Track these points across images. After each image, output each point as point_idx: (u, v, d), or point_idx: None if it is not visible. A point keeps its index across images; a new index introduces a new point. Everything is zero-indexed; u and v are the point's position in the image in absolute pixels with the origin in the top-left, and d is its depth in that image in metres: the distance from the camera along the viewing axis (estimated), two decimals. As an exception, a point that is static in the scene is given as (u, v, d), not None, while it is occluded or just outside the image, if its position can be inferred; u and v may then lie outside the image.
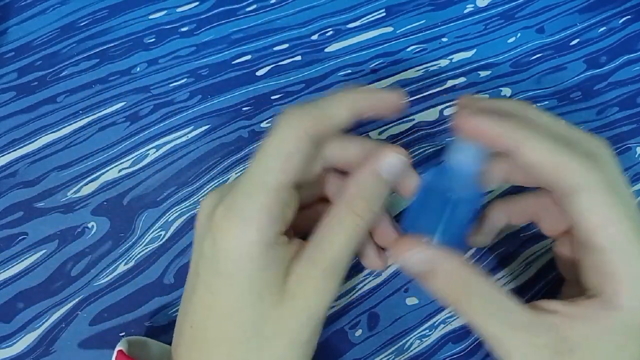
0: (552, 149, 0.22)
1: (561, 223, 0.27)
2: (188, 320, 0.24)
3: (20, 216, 0.32)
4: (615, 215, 0.22)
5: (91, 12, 0.37)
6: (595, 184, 0.22)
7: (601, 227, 0.22)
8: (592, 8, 0.38)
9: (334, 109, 0.24)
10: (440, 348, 0.30)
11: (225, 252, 0.23)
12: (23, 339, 0.30)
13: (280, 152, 0.23)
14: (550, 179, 0.22)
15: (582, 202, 0.22)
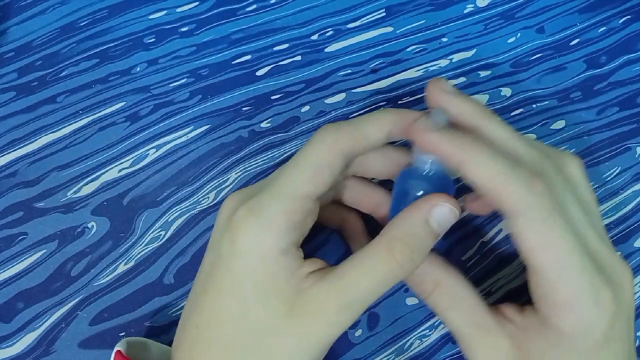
0: (494, 171, 0.22)
1: None
2: (194, 321, 0.24)
3: (20, 216, 0.32)
4: (549, 241, 0.22)
5: (91, 12, 0.37)
6: (533, 207, 0.22)
7: (537, 251, 0.22)
8: (592, 8, 0.38)
9: (370, 129, 0.24)
10: (440, 348, 0.30)
11: (241, 252, 0.23)
12: (23, 339, 0.30)
13: (312, 165, 0.23)
14: (493, 200, 0.23)
15: (519, 225, 0.22)
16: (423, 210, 0.23)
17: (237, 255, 0.23)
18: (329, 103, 0.35)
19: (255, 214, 0.23)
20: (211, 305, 0.23)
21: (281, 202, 0.23)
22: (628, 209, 0.33)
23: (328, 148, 0.23)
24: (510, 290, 0.31)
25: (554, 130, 0.35)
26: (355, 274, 0.23)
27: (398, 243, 0.23)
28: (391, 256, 0.22)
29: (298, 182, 0.23)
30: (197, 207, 0.32)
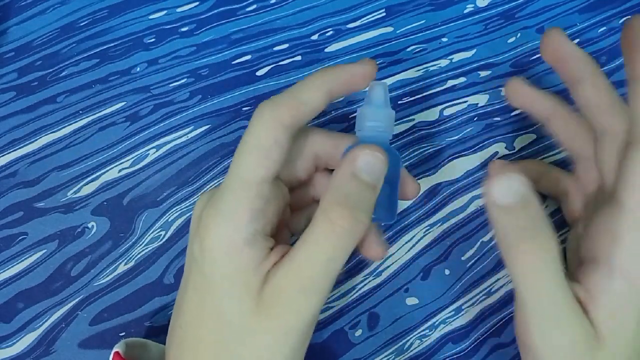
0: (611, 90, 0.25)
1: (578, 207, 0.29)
2: (178, 321, 0.24)
3: (20, 216, 0.32)
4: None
5: (91, 12, 0.37)
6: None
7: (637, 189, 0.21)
8: (592, 8, 0.38)
9: (307, 94, 0.23)
10: (440, 348, 0.30)
11: (209, 251, 0.22)
12: (23, 339, 0.30)
13: (257, 147, 0.22)
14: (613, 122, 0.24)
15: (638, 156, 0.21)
16: (347, 167, 0.22)
17: (205, 253, 0.22)
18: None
19: (216, 212, 0.22)
20: (190, 305, 0.24)
21: (235, 192, 0.22)
22: None
23: (268, 125, 0.22)
24: (510, 290, 0.31)
25: (554, 130, 0.35)
26: (305, 254, 0.22)
27: (335, 208, 0.22)
28: (331, 225, 0.21)
29: (247, 168, 0.22)
30: (197, 207, 0.32)
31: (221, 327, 0.23)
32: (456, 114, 0.35)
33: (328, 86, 0.24)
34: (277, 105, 0.23)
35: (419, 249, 0.32)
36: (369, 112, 0.25)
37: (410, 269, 0.32)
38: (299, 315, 0.22)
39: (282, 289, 0.22)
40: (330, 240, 0.21)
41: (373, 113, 0.25)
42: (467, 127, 0.35)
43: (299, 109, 0.23)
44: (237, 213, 0.22)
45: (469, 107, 0.35)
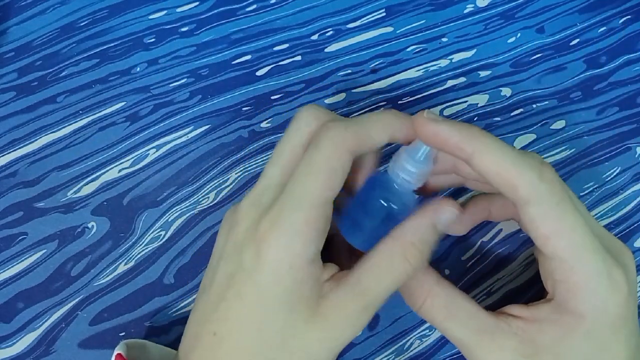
0: (503, 159, 0.23)
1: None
2: (211, 328, 0.24)
3: (20, 216, 0.32)
4: (564, 226, 0.23)
5: (91, 12, 0.37)
6: (544, 196, 0.23)
7: (551, 238, 0.23)
8: (592, 8, 0.38)
9: (375, 130, 0.24)
10: (440, 348, 0.30)
11: (269, 263, 0.23)
12: (23, 339, 0.30)
13: (327, 169, 0.23)
14: (502, 189, 0.23)
15: (532, 213, 0.23)
16: (430, 215, 0.24)
17: (264, 266, 0.23)
18: (329, 103, 0.35)
19: (280, 226, 0.23)
20: (233, 314, 0.23)
21: (304, 211, 0.23)
22: (628, 209, 0.33)
23: (338, 149, 0.23)
24: (510, 290, 0.31)
25: (554, 130, 0.35)
26: (374, 278, 0.24)
27: (411, 248, 0.24)
28: (405, 260, 0.24)
29: (317, 188, 0.23)
30: (197, 207, 0.32)
31: (266, 338, 0.23)
32: (456, 114, 0.35)
33: (392, 130, 0.24)
34: (348, 132, 0.23)
35: (419, 249, 0.32)
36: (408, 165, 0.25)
37: (410, 269, 0.32)
38: (352, 331, 0.24)
39: (344, 306, 0.23)
40: (402, 271, 0.24)
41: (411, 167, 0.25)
42: (467, 127, 0.35)
43: (365, 142, 0.24)
44: (304, 232, 0.22)
45: (469, 107, 0.35)
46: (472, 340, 0.24)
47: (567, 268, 0.23)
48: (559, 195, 0.23)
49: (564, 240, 0.23)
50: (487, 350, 0.24)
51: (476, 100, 0.35)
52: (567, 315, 0.23)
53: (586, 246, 0.23)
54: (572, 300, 0.23)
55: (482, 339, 0.24)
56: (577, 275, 0.23)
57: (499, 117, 0.35)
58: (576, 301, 0.23)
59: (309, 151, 0.24)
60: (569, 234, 0.23)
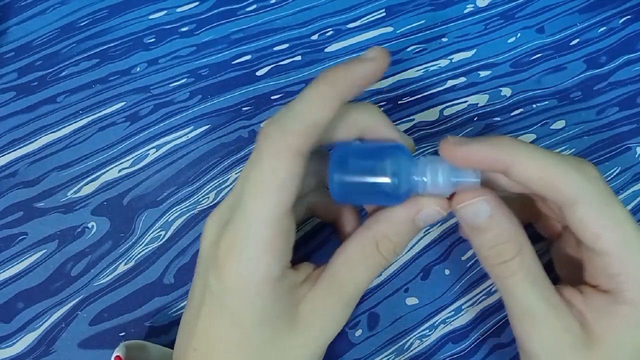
0: (546, 164, 0.22)
1: (557, 225, 0.28)
2: (192, 343, 0.24)
3: (20, 216, 0.32)
4: (612, 222, 0.23)
5: (91, 12, 0.37)
6: (591, 195, 0.22)
7: (601, 235, 0.23)
8: (592, 8, 0.38)
9: (315, 111, 0.21)
10: (440, 348, 0.30)
11: (232, 290, 0.22)
12: (23, 339, 0.30)
13: (272, 183, 0.21)
14: (547, 193, 0.23)
15: (581, 212, 0.22)
16: (412, 212, 0.23)
17: (229, 292, 0.22)
18: (329, 103, 0.35)
19: (239, 251, 0.22)
20: (210, 331, 0.23)
21: (259, 233, 0.21)
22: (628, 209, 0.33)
23: (280, 157, 0.21)
24: (510, 290, 0.31)
25: (554, 130, 0.35)
26: (348, 272, 0.23)
27: (384, 240, 0.23)
28: (377, 250, 0.23)
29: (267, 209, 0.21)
30: (197, 207, 0.32)
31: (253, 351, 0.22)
32: (456, 114, 0.35)
33: (337, 96, 0.21)
34: (285, 133, 0.21)
35: (419, 249, 0.32)
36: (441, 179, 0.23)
37: (410, 269, 0.32)
38: (335, 327, 0.24)
39: (323, 306, 0.23)
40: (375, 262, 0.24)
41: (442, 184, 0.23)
42: (467, 127, 0.35)
43: (310, 133, 0.21)
44: (263, 256, 0.21)
45: (469, 107, 0.35)
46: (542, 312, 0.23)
47: (622, 261, 0.23)
48: (605, 193, 0.23)
49: (616, 235, 0.22)
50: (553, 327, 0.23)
51: (476, 100, 0.35)
52: (625, 306, 0.23)
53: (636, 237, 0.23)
54: (631, 291, 0.23)
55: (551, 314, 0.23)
56: (633, 267, 0.23)
57: (499, 117, 0.35)
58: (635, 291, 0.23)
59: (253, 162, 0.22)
60: (620, 229, 0.22)
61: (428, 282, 0.32)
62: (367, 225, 0.24)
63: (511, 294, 0.23)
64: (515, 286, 0.23)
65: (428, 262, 0.32)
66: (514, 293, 0.23)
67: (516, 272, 0.23)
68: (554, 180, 0.22)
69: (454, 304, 0.31)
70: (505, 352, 0.30)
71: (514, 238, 0.23)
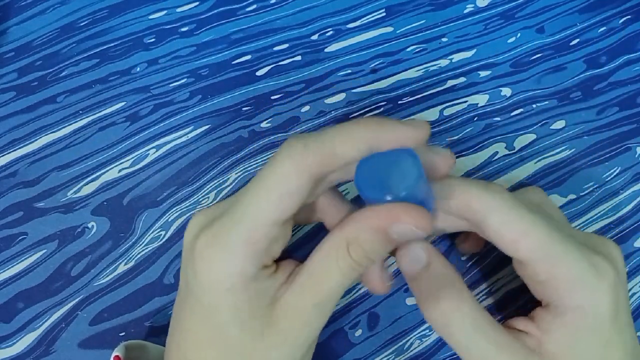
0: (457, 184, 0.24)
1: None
2: (175, 341, 0.24)
3: (20, 216, 0.32)
4: (526, 227, 0.23)
5: (91, 12, 0.37)
6: (497, 204, 0.23)
7: (518, 241, 0.23)
8: (592, 8, 0.38)
9: (342, 146, 0.21)
10: (440, 348, 0.30)
11: (206, 283, 0.22)
12: (23, 339, 0.30)
13: (278, 190, 0.21)
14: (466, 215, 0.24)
15: (493, 223, 0.23)
16: (384, 222, 0.22)
17: (203, 287, 0.22)
18: (329, 103, 0.35)
19: (217, 244, 0.22)
20: (189, 328, 0.23)
21: (244, 230, 0.21)
22: (628, 209, 0.33)
23: (295, 171, 0.21)
24: (510, 290, 0.31)
25: (554, 130, 0.35)
26: (323, 273, 0.22)
27: (354, 245, 0.22)
28: (348, 254, 0.22)
29: (262, 208, 0.21)
30: (197, 207, 0.32)
31: (225, 350, 0.22)
32: (456, 114, 0.35)
33: (368, 144, 0.21)
34: (308, 152, 0.21)
35: (419, 249, 0.32)
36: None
37: (410, 269, 0.32)
38: (309, 330, 0.23)
39: (296, 307, 0.22)
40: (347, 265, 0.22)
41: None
42: (467, 127, 0.35)
43: (330, 162, 0.21)
44: (241, 253, 0.21)
45: (469, 107, 0.35)
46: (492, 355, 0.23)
47: (547, 265, 0.23)
48: (510, 202, 0.23)
49: (531, 239, 0.23)
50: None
51: (476, 100, 0.35)
52: (568, 314, 0.23)
53: (555, 240, 0.23)
54: (566, 296, 0.23)
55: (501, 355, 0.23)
56: (559, 269, 0.23)
57: (499, 117, 0.35)
58: (570, 294, 0.23)
59: (264, 168, 0.22)
60: (533, 232, 0.23)
61: (428, 282, 0.32)
62: (341, 226, 0.23)
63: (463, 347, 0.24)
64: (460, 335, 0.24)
65: (428, 262, 0.32)
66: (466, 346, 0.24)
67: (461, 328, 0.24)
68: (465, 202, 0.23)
69: (454, 304, 0.31)
70: (505, 352, 0.30)
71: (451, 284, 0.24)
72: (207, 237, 0.22)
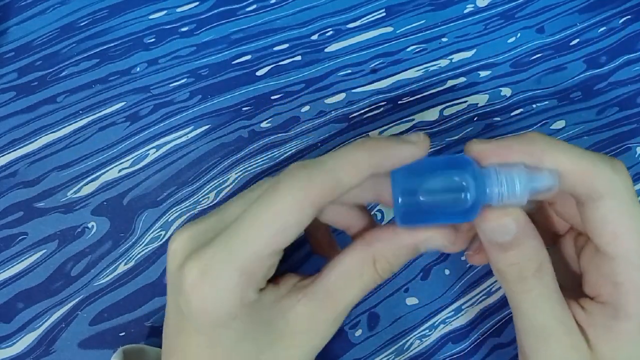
0: (577, 155, 0.21)
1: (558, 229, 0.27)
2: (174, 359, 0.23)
3: (20, 216, 0.32)
4: (634, 225, 0.21)
5: (91, 12, 0.37)
6: (619, 191, 0.21)
7: (620, 235, 0.21)
8: (592, 8, 0.38)
9: (346, 174, 0.21)
10: (440, 348, 0.30)
11: (204, 315, 0.21)
12: (23, 339, 0.30)
13: (278, 223, 0.20)
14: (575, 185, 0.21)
15: (606, 208, 0.21)
16: (415, 241, 0.22)
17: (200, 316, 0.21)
18: (329, 103, 0.35)
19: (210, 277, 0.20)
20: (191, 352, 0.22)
21: (239, 264, 0.20)
22: None
23: (297, 203, 0.20)
24: (510, 290, 0.31)
25: (554, 130, 0.35)
26: (344, 287, 0.23)
27: (382, 260, 0.23)
28: (374, 269, 0.23)
29: (260, 242, 0.20)
30: (197, 207, 0.32)
31: None
32: (456, 114, 0.35)
33: (372, 168, 0.21)
34: (311, 183, 0.20)
35: (419, 249, 0.32)
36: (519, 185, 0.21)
37: (410, 269, 0.32)
38: (322, 343, 0.23)
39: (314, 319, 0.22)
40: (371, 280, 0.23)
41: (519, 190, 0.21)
42: (467, 127, 0.35)
43: (334, 191, 0.21)
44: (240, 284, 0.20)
45: (469, 107, 0.35)
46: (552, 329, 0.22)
47: (633, 269, 0.21)
48: (632, 194, 0.21)
49: (633, 241, 0.21)
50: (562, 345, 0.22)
51: (476, 100, 0.35)
52: (625, 322, 0.22)
53: None
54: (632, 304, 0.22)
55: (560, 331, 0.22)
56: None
57: (499, 117, 0.35)
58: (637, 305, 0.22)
59: (265, 197, 0.21)
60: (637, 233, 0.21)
61: (428, 282, 0.32)
62: (368, 242, 0.23)
63: (524, 309, 0.23)
64: (530, 302, 0.22)
65: (428, 262, 0.32)
66: (527, 309, 0.23)
67: (533, 289, 0.22)
68: (584, 171, 0.21)
69: (454, 304, 0.31)
70: (505, 352, 0.30)
71: (536, 256, 0.22)
72: (197, 269, 0.21)
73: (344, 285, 0.23)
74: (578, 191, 0.22)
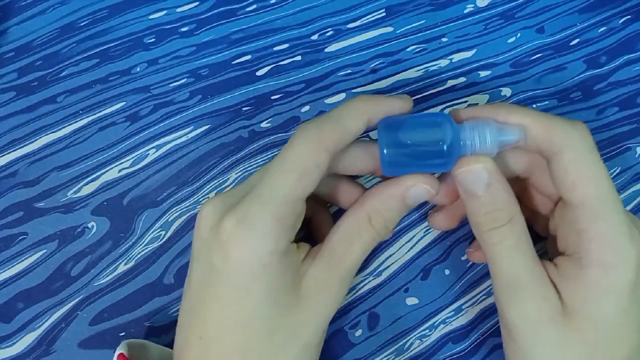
0: (540, 115, 0.24)
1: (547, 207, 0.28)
2: (195, 332, 0.24)
3: (20, 216, 0.32)
4: (593, 173, 0.23)
5: (91, 12, 0.37)
6: (577, 144, 0.23)
7: (579, 184, 0.23)
8: (592, 8, 0.38)
9: (350, 121, 0.24)
10: (440, 348, 0.30)
11: (240, 263, 0.23)
12: (23, 339, 0.30)
13: (300, 167, 0.23)
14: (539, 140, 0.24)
15: (566, 160, 0.23)
16: (401, 189, 0.25)
17: (235, 266, 0.23)
18: (329, 103, 0.35)
19: (246, 225, 0.23)
20: (214, 316, 0.23)
21: (272, 209, 0.23)
22: (628, 209, 0.33)
23: (312, 148, 0.23)
24: (510, 290, 0.31)
25: (554, 130, 0.35)
26: (345, 246, 0.25)
27: (376, 214, 0.25)
28: (370, 225, 0.25)
29: (287, 186, 0.23)
30: (197, 207, 0.32)
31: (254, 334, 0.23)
32: (456, 114, 0.35)
33: (368, 115, 0.25)
34: (322, 130, 0.24)
35: (419, 249, 0.32)
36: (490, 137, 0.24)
37: (410, 269, 0.32)
38: (337, 302, 0.25)
39: (324, 282, 0.24)
40: (369, 236, 0.25)
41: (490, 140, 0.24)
42: (467, 127, 0.35)
43: (342, 136, 0.24)
44: (272, 230, 0.23)
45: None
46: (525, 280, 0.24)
47: (593, 215, 0.23)
48: (590, 143, 0.24)
49: (592, 187, 0.23)
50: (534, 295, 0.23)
51: (476, 100, 0.35)
52: (590, 270, 0.23)
53: (612, 196, 0.23)
54: (596, 250, 0.23)
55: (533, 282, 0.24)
56: (602, 223, 0.23)
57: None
58: (599, 250, 0.23)
59: (283, 150, 0.24)
60: (597, 181, 0.23)
61: (428, 282, 0.32)
62: (361, 202, 0.25)
63: (497, 260, 0.24)
64: (503, 253, 0.24)
65: (428, 262, 0.32)
66: (500, 259, 0.24)
67: (505, 239, 0.24)
68: (546, 127, 0.24)
69: (454, 304, 0.31)
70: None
71: (508, 206, 0.24)
72: (233, 221, 0.23)
73: (345, 245, 0.25)
74: (541, 146, 0.24)
